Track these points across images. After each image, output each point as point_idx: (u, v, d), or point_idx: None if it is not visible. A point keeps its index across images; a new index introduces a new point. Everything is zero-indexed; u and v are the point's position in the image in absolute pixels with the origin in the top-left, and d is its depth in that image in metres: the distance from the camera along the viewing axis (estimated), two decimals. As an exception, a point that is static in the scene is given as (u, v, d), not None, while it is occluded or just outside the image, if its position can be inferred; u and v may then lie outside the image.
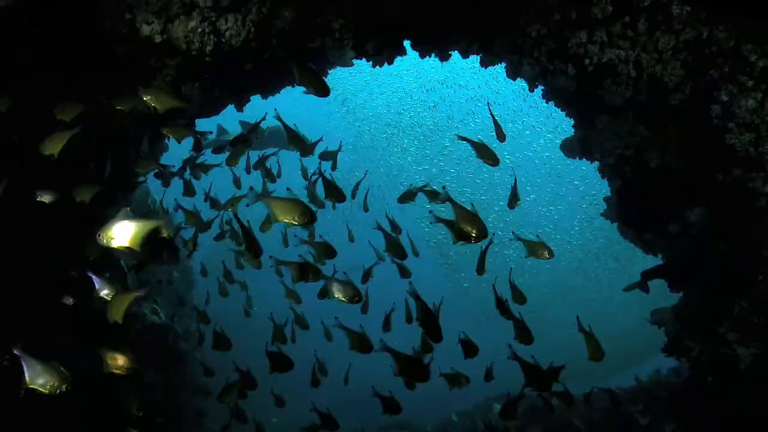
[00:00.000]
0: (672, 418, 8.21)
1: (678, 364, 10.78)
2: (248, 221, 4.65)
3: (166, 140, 7.36)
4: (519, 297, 5.31)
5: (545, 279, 21.98)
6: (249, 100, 7.50)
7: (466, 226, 4.20)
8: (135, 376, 4.51)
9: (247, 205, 4.31)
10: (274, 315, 6.83)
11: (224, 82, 6.53)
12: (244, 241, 4.67)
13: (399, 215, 7.18)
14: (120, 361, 4.04)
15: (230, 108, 7.63)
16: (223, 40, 4.93)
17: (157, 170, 6.44)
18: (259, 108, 8.13)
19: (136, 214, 4.23)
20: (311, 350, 8.07)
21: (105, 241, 4.28)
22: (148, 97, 4.76)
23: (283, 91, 8.13)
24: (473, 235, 4.21)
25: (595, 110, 7.16)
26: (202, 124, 7.42)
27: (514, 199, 6.10)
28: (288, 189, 4.45)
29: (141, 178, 7.00)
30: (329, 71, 8.08)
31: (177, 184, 7.26)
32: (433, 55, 6.56)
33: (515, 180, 6.16)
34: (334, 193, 5.04)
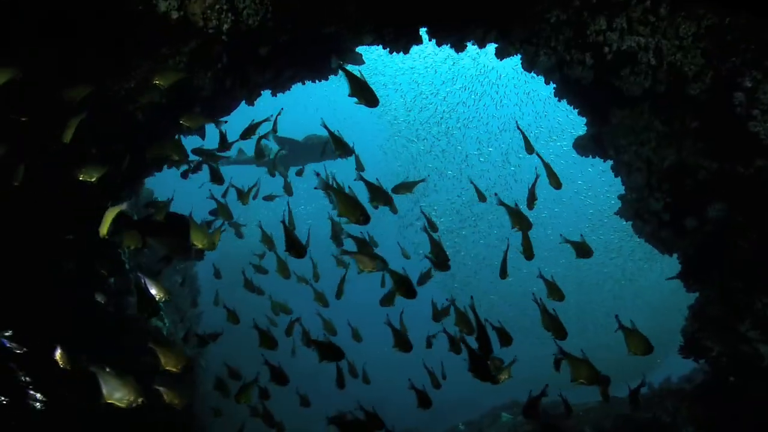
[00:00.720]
0: (690, 420, 8.00)
1: (688, 372, 10.61)
2: (290, 225, 4.64)
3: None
4: (556, 292, 5.47)
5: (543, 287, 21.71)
6: (260, 95, 7.41)
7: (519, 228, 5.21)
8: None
9: (315, 188, 4.49)
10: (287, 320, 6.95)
11: (236, 72, 6.44)
12: (286, 241, 4.68)
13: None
14: (174, 359, 4.16)
15: (241, 108, 7.55)
16: (241, 18, 4.84)
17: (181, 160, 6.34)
18: (267, 103, 8.05)
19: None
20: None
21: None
22: (156, 79, 4.82)
23: (286, 92, 8.06)
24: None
25: (611, 104, 7.08)
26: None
27: (532, 199, 6.10)
28: (349, 187, 4.62)
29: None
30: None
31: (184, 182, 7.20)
32: (449, 44, 6.49)
33: (536, 179, 6.17)
34: (381, 196, 4.96)
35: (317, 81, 7.93)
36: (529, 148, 5.93)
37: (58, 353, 4.87)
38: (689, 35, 5.48)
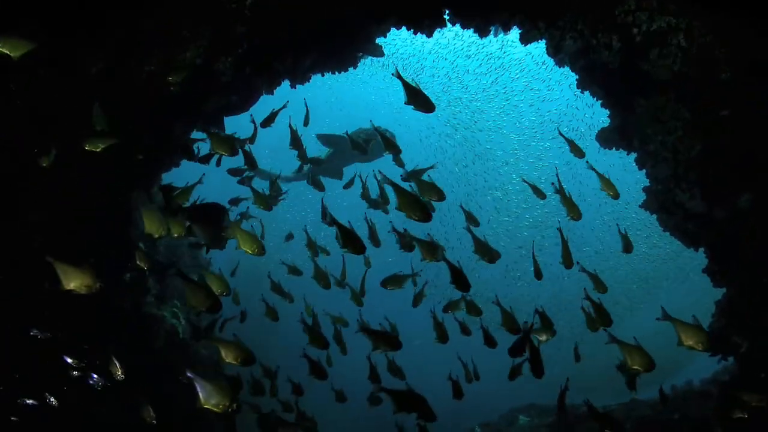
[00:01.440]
0: (716, 419, 7.76)
1: (710, 375, 10.36)
2: (349, 222, 4.64)
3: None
4: (600, 285, 5.81)
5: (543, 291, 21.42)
6: (280, 84, 7.35)
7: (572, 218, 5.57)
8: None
9: (379, 183, 4.43)
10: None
11: (256, 58, 6.36)
12: (342, 237, 4.52)
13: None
14: (237, 352, 4.21)
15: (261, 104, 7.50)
16: (265, -6, 4.77)
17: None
18: (285, 93, 7.98)
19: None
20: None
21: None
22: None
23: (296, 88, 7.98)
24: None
25: (636, 93, 6.94)
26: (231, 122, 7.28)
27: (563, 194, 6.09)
28: (410, 186, 4.65)
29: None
30: (362, 59, 7.96)
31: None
32: (472, 30, 6.40)
33: (557, 173, 6.18)
34: (433, 191, 4.85)
35: (336, 72, 7.86)
36: (579, 153, 5.89)
37: (115, 365, 4.92)
38: (722, 15, 5.34)
